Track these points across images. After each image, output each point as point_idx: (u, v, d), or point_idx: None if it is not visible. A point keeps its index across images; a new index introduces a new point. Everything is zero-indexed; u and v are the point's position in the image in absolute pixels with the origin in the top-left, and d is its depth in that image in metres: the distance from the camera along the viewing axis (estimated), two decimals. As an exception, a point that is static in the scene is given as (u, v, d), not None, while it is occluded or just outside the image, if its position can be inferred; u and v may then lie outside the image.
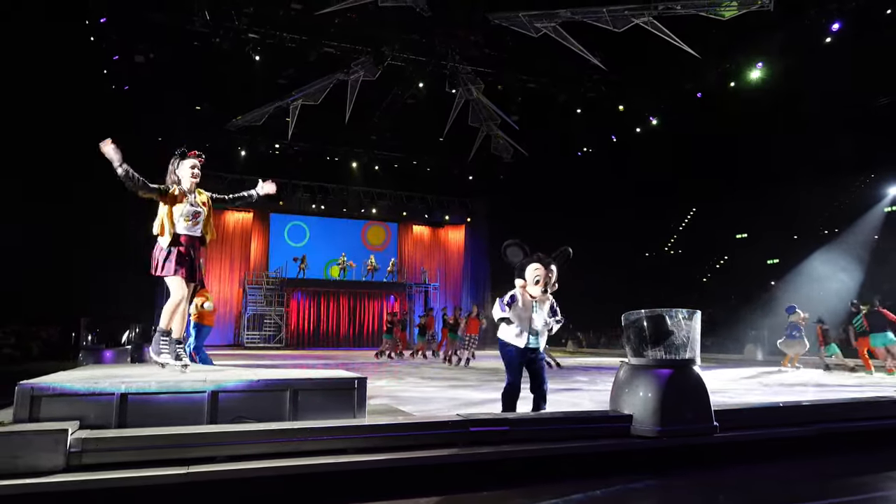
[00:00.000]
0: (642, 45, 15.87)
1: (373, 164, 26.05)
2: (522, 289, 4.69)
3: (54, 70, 14.19)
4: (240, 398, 3.73)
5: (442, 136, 22.57)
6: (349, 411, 3.95)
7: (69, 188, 15.59)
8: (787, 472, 4.07)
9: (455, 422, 3.95)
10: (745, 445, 4.35)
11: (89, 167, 16.86)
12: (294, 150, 24.28)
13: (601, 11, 15.12)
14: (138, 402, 3.50)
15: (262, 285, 26.08)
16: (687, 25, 15.08)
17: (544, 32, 16.06)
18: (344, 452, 3.52)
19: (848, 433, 4.82)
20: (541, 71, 19.24)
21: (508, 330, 4.74)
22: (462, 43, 17.83)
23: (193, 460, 3.19)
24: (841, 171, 19.23)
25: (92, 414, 3.39)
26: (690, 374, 4.30)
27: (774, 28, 15.63)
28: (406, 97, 20.33)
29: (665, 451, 4.07)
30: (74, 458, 3.03)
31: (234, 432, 3.41)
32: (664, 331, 4.32)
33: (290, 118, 20.64)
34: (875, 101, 17.64)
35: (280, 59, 17.59)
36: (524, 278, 4.67)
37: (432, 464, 3.59)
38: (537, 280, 4.62)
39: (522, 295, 4.68)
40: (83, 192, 16.04)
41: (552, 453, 3.88)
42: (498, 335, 4.87)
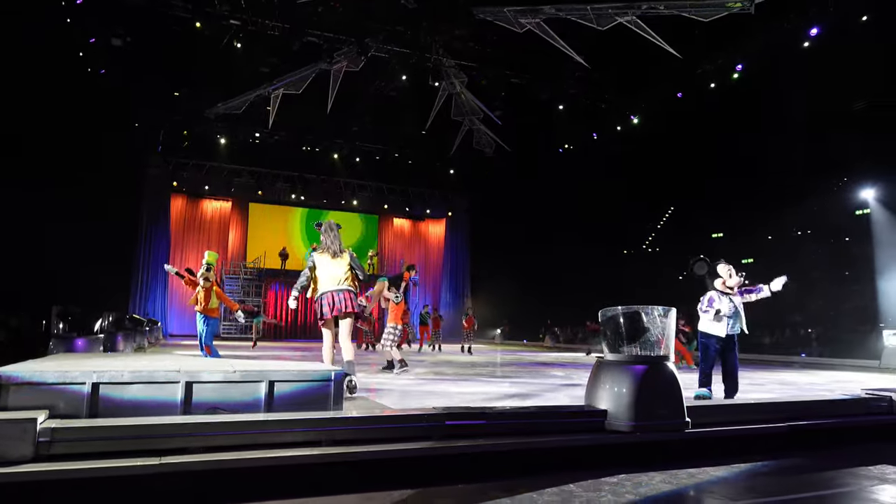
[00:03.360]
0: (625, 43, 15.96)
1: (354, 155, 25.85)
2: (723, 284, 6.07)
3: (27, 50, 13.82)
4: (215, 389, 3.69)
5: (424, 130, 22.49)
6: (326, 404, 3.94)
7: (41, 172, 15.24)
8: (757, 467, 4.15)
9: (431, 415, 3.96)
10: (716, 441, 4.44)
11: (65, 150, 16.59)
12: (274, 139, 24.01)
13: (585, 9, 15.16)
14: (110, 392, 3.45)
15: (240, 275, 25.80)
16: (669, 26, 15.20)
17: (528, 28, 16.06)
18: (319, 445, 3.51)
19: (816, 430, 4.94)
20: (524, 67, 19.26)
21: (711, 323, 6.00)
22: (446, 36, 17.76)
23: (166, 451, 3.15)
24: (816, 174, 19.63)
25: (62, 403, 3.33)
26: (664, 370, 4.37)
27: (754, 31, 15.84)
28: (389, 89, 20.20)
29: (638, 445, 4.14)
30: (43, 447, 2.98)
31: (208, 423, 3.38)
32: (639, 327, 4.38)
33: (271, 107, 20.36)
34: (851, 106, 18.00)
35: (262, 46, 17.31)
36: (720, 276, 6.11)
37: (408, 456, 3.60)
38: (731, 273, 6.03)
39: (721, 290, 6.04)
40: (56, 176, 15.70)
41: (528, 447, 3.92)
42: (700, 328, 6.13)
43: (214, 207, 27.66)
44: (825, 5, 14.95)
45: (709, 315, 6.05)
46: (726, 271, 6.10)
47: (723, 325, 6.00)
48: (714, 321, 6.04)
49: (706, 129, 19.75)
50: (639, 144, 21.51)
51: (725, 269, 6.11)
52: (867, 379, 10.07)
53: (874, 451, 4.66)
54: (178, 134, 23.32)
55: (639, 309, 4.44)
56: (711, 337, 6.06)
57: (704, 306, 6.12)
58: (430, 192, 29.78)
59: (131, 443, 3.14)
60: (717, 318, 5.97)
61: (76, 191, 16.34)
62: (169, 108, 21.02)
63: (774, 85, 17.96)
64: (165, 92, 19.89)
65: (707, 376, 6.03)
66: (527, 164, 24.77)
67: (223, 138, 23.73)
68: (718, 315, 5.97)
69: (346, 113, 21.68)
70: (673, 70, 17.74)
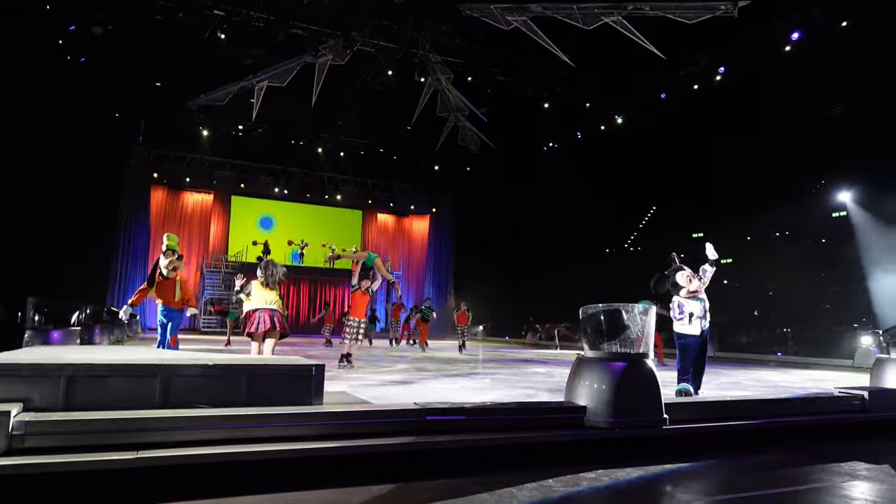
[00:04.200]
0: (611, 43, 16.05)
1: (338, 149, 25.71)
2: (686, 292, 6.20)
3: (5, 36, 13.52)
4: (193, 383, 3.65)
5: (409, 125, 22.44)
6: (306, 398, 3.92)
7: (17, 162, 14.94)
8: (733, 463, 4.22)
9: (412, 410, 3.96)
10: (693, 437, 4.50)
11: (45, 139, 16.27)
12: (258, 132, 23.78)
13: (572, 8, 15.22)
14: (86, 385, 3.40)
15: (221, 269, 25.56)
16: (654, 27, 15.32)
17: (515, 26, 16.08)
18: (299, 439, 3.50)
19: (791, 427, 5.03)
20: (510, 64, 19.28)
21: (686, 325, 6.17)
22: (433, 32, 17.72)
23: (143, 445, 3.12)
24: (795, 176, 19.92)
25: (37, 396, 3.27)
26: (643, 367, 4.41)
27: (737, 34, 16.02)
28: (375, 84, 20.10)
29: (617, 441, 4.18)
30: (17, 441, 2.93)
31: (186, 417, 3.35)
32: (620, 325, 4.42)
33: (255, 99, 20.16)
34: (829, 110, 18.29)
35: (246, 38, 17.12)
36: (681, 284, 6.24)
37: (388, 451, 3.60)
38: (690, 279, 6.20)
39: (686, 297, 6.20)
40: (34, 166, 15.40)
41: (507, 442, 3.94)
42: (676, 330, 6.25)
43: (196, 200, 27.34)
44: (807, 10, 15.17)
45: (683, 320, 6.22)
46: (685, 279, 6.25)
47: (696, 324, 6.18)
48: (689, 324, 6.22)
49: (689, 130, 19.94)
50: (622, 144, 21.66)
51: (685, 278, 6.26)
52: (841, 378, 10.26)
53: (846, 448, 4.75)
54: (159, 125, 23.00)
55: (619, 307, 4.48)
56: (689, 337, 6.22)
57: (677, 314, 6.34)
58: (414, 188, 29.71)
59: (107, 436, 3.10)
60: (692, 321, 6.16)
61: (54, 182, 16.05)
62: (150, 98, 20.71)
63: (756, 88, 18.19)
64: (147, 82, 19.59)
65: (688, 372, 6.18)
66: (511, 161, 24.82)
67: (205, 130, 23.47)
68: (692, 318, 6.17)
69: (331, 107, 21.54)
70: (657, 71, 17.88)
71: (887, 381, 6.11)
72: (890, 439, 5.17)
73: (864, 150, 17.10)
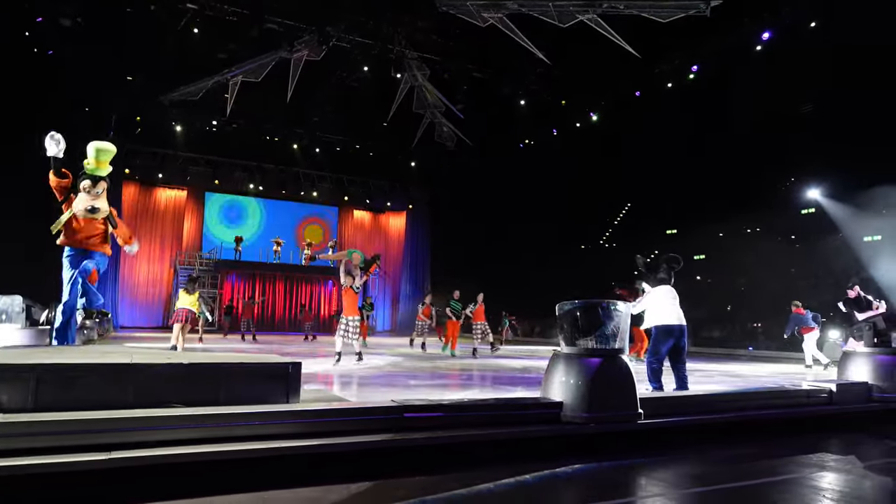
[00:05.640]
0: (586, 41, 16.18)
1: (314, 145, 25.49)
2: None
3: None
4: (167, 382, 3.59)
5: (386, 122, 22.35)
6: (282, 397, 3.88)
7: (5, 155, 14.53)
8: (706, 456, 4.30)
9: (389, 407, 3.96)
10: (668, 431, 4.57)
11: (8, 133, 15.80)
12: (232, 127, 23.46)
13: (547, 5, 15.30)
14: (56, 385, 3.32)
15: (195, 266, 25.18)
16: (629, 25, 15.49)
17: (491, 23, 16.11)
18: (275, 438, 3.47)
19: (762, 420, 5.15)
20: (487, 61, 19.32)
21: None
22: (409, 28, 17.67)
23: (116, 446, 3.06)
24: (766, 173, 20.35)
25: (5, 397, 3.19)
26: (619, 363, 4.47)
27: (710, 33, 16.27)
28: (351, 80, 19.98)
29: (593, 436, 4.23)
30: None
31: (160, 417, 3.29)
32: (595, 321, 4.47)
33: (229, 94, 19.90)
34: (798, 109, 18.71)
35: (220, 32, 16.87)
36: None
37: (365, 449, 3.59)
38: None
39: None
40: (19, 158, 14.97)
41: (485, 439, 3.96)
42: (655, 324, 6.25)
43: (169, 196, 26.89)
44: (777, 10, 15.47)
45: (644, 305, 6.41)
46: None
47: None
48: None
49: (663, 127, 20.23)
50: (598, 141, 21.86)
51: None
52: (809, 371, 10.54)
53: (815, 440, 4.88)
54: (130, 119, 22.52)
55: (594, 303, 4.53)
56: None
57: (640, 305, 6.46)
58: (390, 184, 29.61)
59: (79, 437, 3.04)
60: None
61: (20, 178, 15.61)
62: (122, 92, 20.26)
63: (728, 86, 18.51)
64: (118, 76, 19.16)
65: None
66: (488, 158, 24.89)
67: (179, 125, 23.07)
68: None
69: (307, 102, 21.35)
70: (632, 69, 18.08)
71: (853, 374, 6.28)
72: (856, 431, 5.32)
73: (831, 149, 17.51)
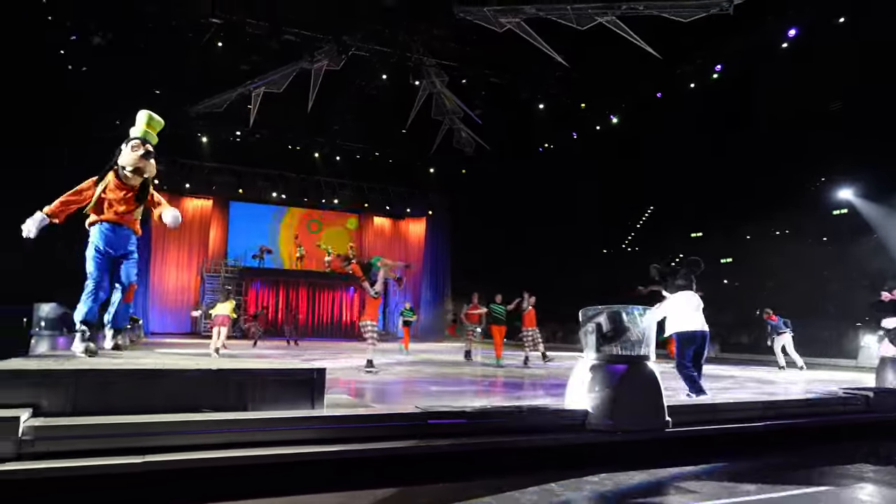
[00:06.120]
0: (605, 43, 16.08)
1: (335, 154, 25.74)
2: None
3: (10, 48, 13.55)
4: (197, 387, 3.66)
5: (405, 129, 22.46)
6: (307, 402, 3.93)
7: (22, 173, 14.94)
8: (737, 465, 4.20)
9: (413, 414, 3.98)
10: (697, 440, 4.49)
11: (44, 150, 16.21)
12: (255, 137, 23.79)
13: (565, 9, 15.25)
14: (93, 389, 3.41)
15: (221, 273, 25.56)
16: (649, 26, 15.36)
17: (509, 28, 16.11)
18: (301, 443, 3.51)
19: (795, 429, 5.01)
20: (505, 66, 19.31)
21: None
22: (426, 35, 17.75)
23: (149, 449, 3.13)
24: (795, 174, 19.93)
25: (45, 401, 3.28)
26: (645, 370, 4.42)
27: (733, 32, 16.06)
28: (370, 88, 20.13)
29: (619, 444, 4.19)
30: (27, 445, 2.95)
31: (191, 422, 3.36)
32: (620, 327, 4.43)
33: (252, 105, 20.20)
34: (827, 106, 18.31)
35: (242, 45, 17.17)
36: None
37: (390, 455, 3.61)
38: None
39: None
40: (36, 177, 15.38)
41: (509, 446, 3.95)
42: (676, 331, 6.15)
43: (195, 206, 27.34)
44: (802, 6, 15.21)
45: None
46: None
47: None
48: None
49: (686, 129, 19.96)
50: (619, 144, 21.67)
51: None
52: (844, 377, 10.25)
53: (852, 450, 4.71)
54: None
55: (619, 309, 4.49)
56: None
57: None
58: (410, 191, 29.73)
59: (114, 441, 3.12)
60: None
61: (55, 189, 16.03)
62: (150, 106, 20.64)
63: (753, 85, 18.20)
64: (146, 90, 19.58)
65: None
66: (507, 163, 24.83)
67: (204, 136, 23.48)
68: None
69: (327, 111, 21.56)
70: (653, 70, 17.90)
71: (892, 380, 6.10)
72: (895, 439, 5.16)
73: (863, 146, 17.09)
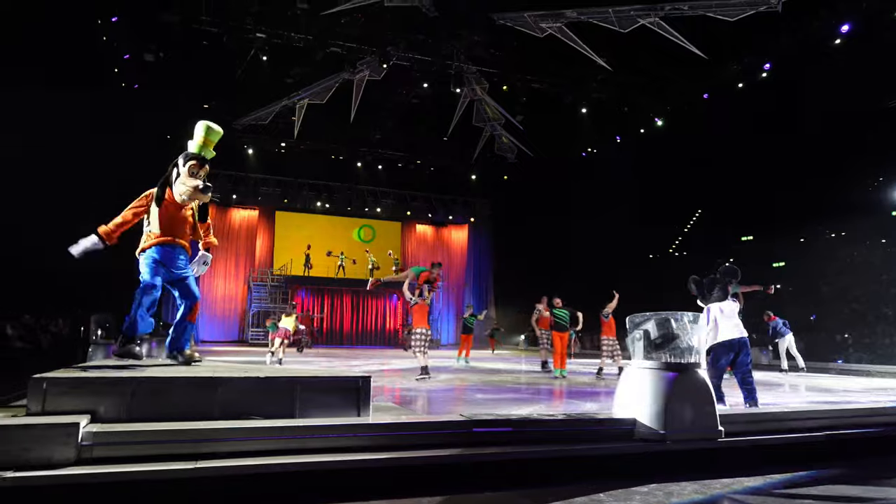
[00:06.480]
0: (648, 45, 15.85)
1: (377, 163, 26.10)
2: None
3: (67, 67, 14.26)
4: (246, 395, 3.75)
5: (446, 136, 22.59)
6: (353, 409, 3.96)
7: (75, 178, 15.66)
8: (795, 478, 4.05)
9: (458, 422, 3.96)
10: (751, 450, 4.34)
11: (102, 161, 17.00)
12: (300, 148, 24.35)
13: (607, 12, 15.11)
14: (148, 396, 3.53)
15: (267, 282, 26.16)
16: (694, 26, 15.06)
17: (550, 33, 16.05)
18: (347, 451, 3.54)
19: (856, 439, 4.77)
20: (546, 71, 19.23)
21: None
22: (467, 43, 17.84)
23: (201, 455, 3.22)
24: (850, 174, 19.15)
25: (102, 407, 3.41)
26: (695, 377, 4.30)
27: (783, 29, 15.58)
28: (411, 97, 20.35)
29: (669, 454, 4.08)
30: (86, 451, 3.06)
31: (242, 428, 3.43)
32: (669, 334, 4.33)
33: (297, 117, 20.70)
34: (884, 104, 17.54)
35: (287, 58, 17.63)
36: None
37: (435, 463, 3.61)
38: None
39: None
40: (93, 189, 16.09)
41: (555, 455, 3.89)
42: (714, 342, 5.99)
43: (242, 216, 28.09)
44: (855, 1, 14.65)
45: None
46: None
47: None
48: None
49: (733, 129, 19.42)
50: (664, 146, 21.27)
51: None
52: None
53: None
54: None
55: (668, 315, 4.39)
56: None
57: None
58: (452, 198, 29.85)
59: (168, 447, 3.21)
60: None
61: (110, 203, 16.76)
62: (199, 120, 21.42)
63: (804, 83, 17.59)
64: (195, 104, 20.31)
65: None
66: (549, 168, 24.66)
67: (250, 148, 24.15)
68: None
69: (369, 121, 21.89)
70: (698, 70, 17.55)
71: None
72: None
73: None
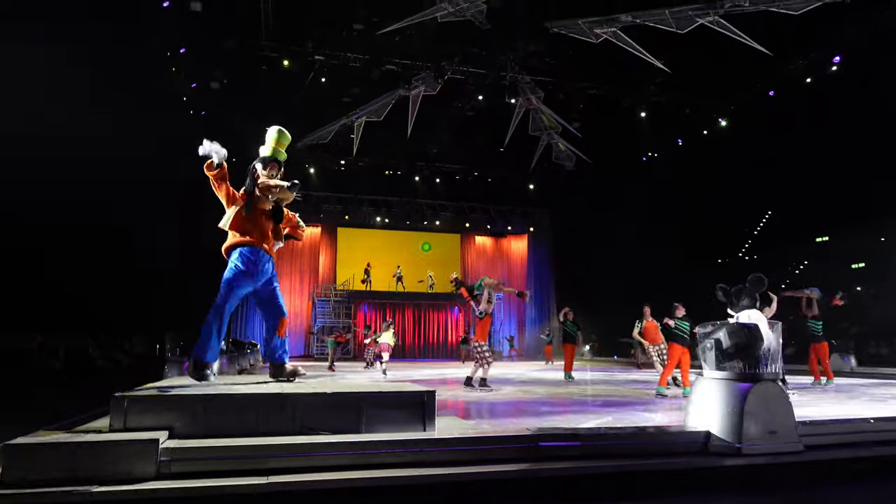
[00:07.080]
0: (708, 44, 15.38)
1: (434, 176, 26.34)
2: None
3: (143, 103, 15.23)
4: (314, 410, 3.84)
5: (503, 147, 22.56)
6: (419, 424, 3.99)
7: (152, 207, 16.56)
8: (883, 492, 3.80)
9: (524, 436, 3.93)
10: (834, 463, 4.10)
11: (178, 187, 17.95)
12: (359, 165, 24.88)
13: (663, 13, 14.78)
14: (222, 413, 3.67)
15: (330, 297, 26.75)
16: (755, 22, 14.52)
17: (605, 38, 15.83)
18: (413, 465, 3.56)
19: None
20: (602, 77, 18.96)
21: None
22: (521, 53, 17.83)
23: (272, 470, 3.32)
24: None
25: (179, 423, 3.58)
26: (772, 388, 4.11)
27: (848, 20, 14.80)
28: (466, 109, 20.48)
29: (746, 469, 3.91)
30: (164, 466, 3.21)
31: (310, 444, 3.52)
32: (743, 343, 4.15)
33: (355, 135, 21.19)
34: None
35: (345, 78, 18.13)
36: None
37: (501, 479, 3.58)
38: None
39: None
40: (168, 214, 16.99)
41: (625, 469, 3.79)
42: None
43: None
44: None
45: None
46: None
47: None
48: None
49: (802, 126, 18.53)
50: (728, 147, 20.52)
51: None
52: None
53: None
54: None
55: (742, 323, 4.21)
56: None
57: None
58: (510, 208, 29.75)
59: (241, 462, 3.33)
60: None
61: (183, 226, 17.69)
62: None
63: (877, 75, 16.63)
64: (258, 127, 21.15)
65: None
66: (609, 175, 24.21)
67: (312, 167, 24.87)
68: None
69: (426, 135, 22.14)
70: (762, 68, 16.87)
71: None
72: None
73: None
